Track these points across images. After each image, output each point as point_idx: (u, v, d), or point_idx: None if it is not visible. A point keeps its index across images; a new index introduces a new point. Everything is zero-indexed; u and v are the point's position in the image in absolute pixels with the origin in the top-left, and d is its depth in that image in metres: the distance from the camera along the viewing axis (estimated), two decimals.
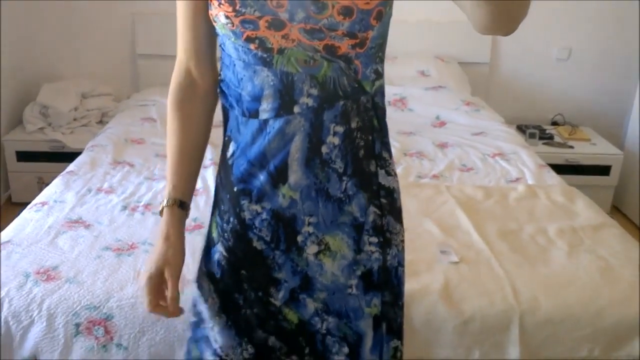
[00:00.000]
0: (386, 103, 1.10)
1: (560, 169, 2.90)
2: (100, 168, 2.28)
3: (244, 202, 1.05)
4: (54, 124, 3.06)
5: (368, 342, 1.11)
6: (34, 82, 3.22)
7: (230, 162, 1.06)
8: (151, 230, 1.83)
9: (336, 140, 1.01)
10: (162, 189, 2.12)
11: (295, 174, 1.02)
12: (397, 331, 1.14)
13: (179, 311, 1.05)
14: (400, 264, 1.12)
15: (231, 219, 1.07)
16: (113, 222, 1.87)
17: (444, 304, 1.58)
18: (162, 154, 2.47)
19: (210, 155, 2.40)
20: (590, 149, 3.16)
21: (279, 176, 1.02)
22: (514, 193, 2.18)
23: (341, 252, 1.06)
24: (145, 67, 3.34)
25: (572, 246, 1.82)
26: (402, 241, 1.13)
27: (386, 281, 1.10)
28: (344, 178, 1.04)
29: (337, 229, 1.06)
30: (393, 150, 2.72)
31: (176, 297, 1.03)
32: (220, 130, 1.11)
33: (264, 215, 1.05)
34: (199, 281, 1.12)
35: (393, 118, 2.93)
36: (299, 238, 1.05)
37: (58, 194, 2.04)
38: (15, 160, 2.98)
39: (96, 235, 1.79)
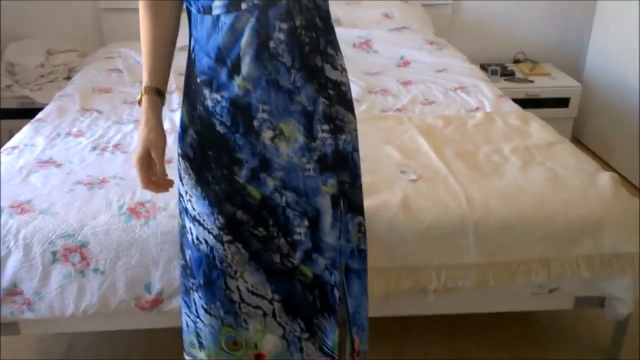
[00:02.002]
0: (351, 46, 1.22)
1: (522, 103, 2.95)
2: (69, 115, 2.31)
3: (206, 92, 1.20)
4: (22, 81, 3.06)
5: (327, 218, 1.28)
6: None
7: (192, 56, 1.22)
8: (121, 166, 1.89)
9: (282, 36, 1.15)
10: (131, 131, 2.17)
11: (247, 67, 1.16)
12: (358, 209, 1.33)
13: (168, 184, 1.24)
14: (355, 149, 1.30)
15: (197, 106, 1.22)
16: (83, 161, 1.92)
17: (404, 216, 1.67)
18: (130, 101, 2.51)
19: (178, 100, 2.45)
20: (550, 82, 3.26)
21: (234, 68, 1.17)
22: (472, 120, 2.27)
23: (294, 136, 1.22)
24: (109, 22, 3.34)
25: (524, 161, 1.92)
26: (355, 129, 1.30)
27: (341, 164, 1.27)
28: (292, 71, 1.18)
29: (289, 116, 1.21)
30: (357, 88, 2.78)
31: (163, 171, 1.22)
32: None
33: (223, 103, 1.19)
34: (178, 161, 1.29)
35: (358, 60, 3.03)
36: (255, 123, 1.20)
37: (28, 139, 2.07)
38: None
39: (67, 172, 1.84)
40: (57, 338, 1.94)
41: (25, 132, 2.13)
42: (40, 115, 2.32)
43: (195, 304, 1.35)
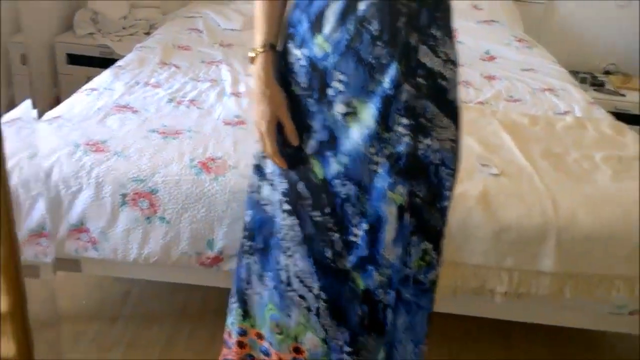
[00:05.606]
0: None
1: None
2: (148, 66, 2.31)
3: (290, 45, 1.11)
4: (103, 31, 3.10)
5: (390, 230, 1.11)
6: None
7: (291, 7, 1.14)
8: (196, 121, 1.86)
9: None
10: (207, 89, 2.14)
11: (329, 25, 1.05)
12: (430, 234, 1.13)
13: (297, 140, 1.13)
14: (445, 164, 1.10)
15: (280, 61, 1.13)
16: (159, 111, 1.91)
17: (481, 211, 1.57)
18: (208, 61, 2.49)
19: None
20: None
21: (317, 23, 1.06)
22: (562, 122, 2.14)
23: (366, 120, 1.07)
24: None
25: (617, 172, 1.79)
26: (453, 141, 1.10)
27: (417, 173, 1.09)
28: (378, 43, 1.03)
29: (366, 95, 1.06)
30: None
31: (295, 130, 1.11)
32: None
33: (303, 62, 1.10)
34: None
35: None
36: (329, 92, 1.08)
37: (107, 83, 2.08)
38: (66, 62, 3.04)
39: (143, 119, 1.83)
40: (115, 283, 1.95)
41: (106, 77, 2.14)
42: (121, 62, 2.32)
43: (249, 269, 1.25)
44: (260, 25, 1.13)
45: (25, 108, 1.79)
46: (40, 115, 1.84)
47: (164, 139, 1.71)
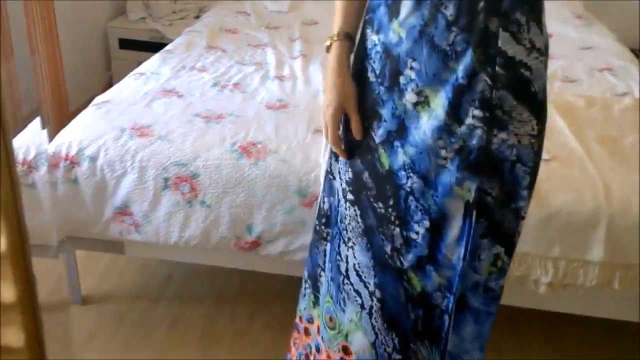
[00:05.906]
0: None
1: None
2: (195, 50, 2.34)
3: (368, 30, 1.09)
4: (155, 15, 3.16)
5: (454, 228, 1.04)
6: None
7: None
8: (239, 105, 1.87)
9: None
10: (251, 73, 2.15)
11: (405, 9, 1.01)
12: (504, 237, 1.05)
13: (362, 134, 1.10)
14: (522, 161, 1.01)
15: (359, 46, 1.11)
16: (204, 95, 1.93)
17: None
18: (254, 44, 2.49)
19: (299, 48, 2.40)
20: None
21: (394, 8, 1.02)
22: (620, 104, 2.03)
23: (437, 111, 1.01)
24: None
25: None
26: (534, 137, 1.00)
27: (488, 169, 1.01)
28: (453, 29, 0.96)
29: (439, 84, 1.00)
30: None
31: (360, 124, 1.08)
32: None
33: (379, 48, 1.06)
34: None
35: None
36: (401, 80, 1.03)
37: (155, 67, 2.12)
38: (118, 47, 3.12)
39: (188, 104, 1.85)
40: (158, 265, 2.01)
41: (153, 61, 2.18)
42: (169, 47, 2.36)
43: (325, 255, 1.22)
44: (338, 14, 1.11)
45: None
46: (92, 99, 1.91)
47: (206, 123, 1.73)
